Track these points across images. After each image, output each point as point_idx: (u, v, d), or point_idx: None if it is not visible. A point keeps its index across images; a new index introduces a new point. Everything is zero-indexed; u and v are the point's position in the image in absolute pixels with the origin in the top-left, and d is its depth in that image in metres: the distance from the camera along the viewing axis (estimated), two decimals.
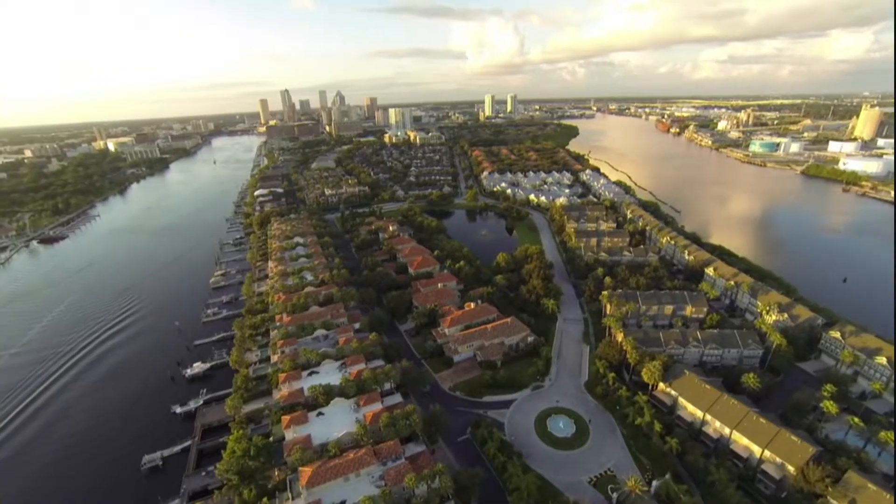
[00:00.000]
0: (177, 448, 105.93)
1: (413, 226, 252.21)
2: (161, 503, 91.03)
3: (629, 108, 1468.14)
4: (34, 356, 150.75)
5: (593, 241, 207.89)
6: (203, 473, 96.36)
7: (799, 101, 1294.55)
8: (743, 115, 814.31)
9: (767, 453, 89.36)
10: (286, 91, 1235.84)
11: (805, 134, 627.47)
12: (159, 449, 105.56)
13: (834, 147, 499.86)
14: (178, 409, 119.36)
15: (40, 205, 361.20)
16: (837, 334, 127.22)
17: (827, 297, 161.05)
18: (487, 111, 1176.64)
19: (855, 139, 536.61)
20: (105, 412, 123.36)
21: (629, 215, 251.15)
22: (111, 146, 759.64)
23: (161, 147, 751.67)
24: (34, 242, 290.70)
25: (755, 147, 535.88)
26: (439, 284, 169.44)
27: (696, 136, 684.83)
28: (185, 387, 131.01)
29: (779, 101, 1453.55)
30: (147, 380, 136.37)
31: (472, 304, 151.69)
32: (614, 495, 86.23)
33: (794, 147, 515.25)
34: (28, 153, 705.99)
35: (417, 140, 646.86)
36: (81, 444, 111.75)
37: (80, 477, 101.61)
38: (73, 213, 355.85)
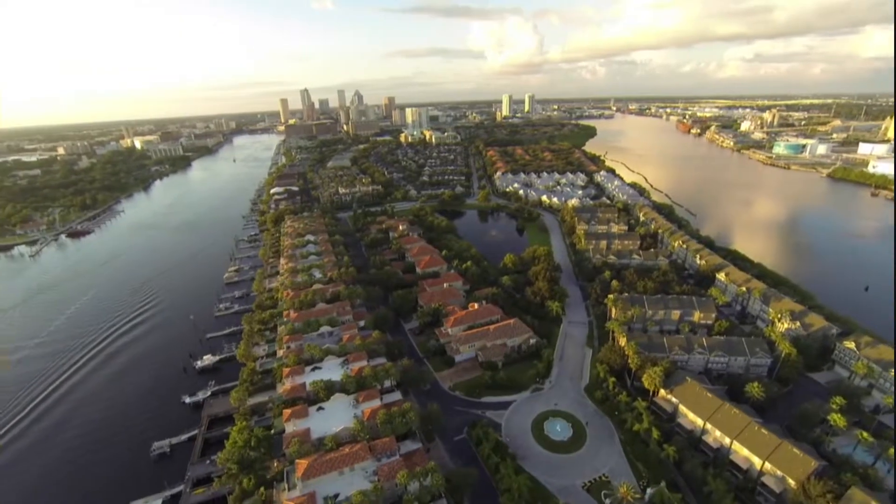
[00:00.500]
0: (184, 436, 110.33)
1: (423, 225, 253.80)
2: (167, 488, 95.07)
3: (649, 109, 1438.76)
4: (58, 346, 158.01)
5: (603, 243, 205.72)
6: (207, 462, 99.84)
7: (830, 101, 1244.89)
8: (767, 116, 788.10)
9: (768, 465, 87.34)
10: (306, 90, 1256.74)
11: (834, 135, 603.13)
12: (168, 437, 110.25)
13: (864, 149, 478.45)
14: (188, 400, 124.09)
15: (70, 200, 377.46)
16: (852, 345, 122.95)
17: (846, 305, 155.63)
18: (505, 111, 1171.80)
19: (887, 141, 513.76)
20: (120, 401, 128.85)
21: (642, 218, 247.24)
22: (138, 144, 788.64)
23: (184, 145, 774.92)
24: (63, 236, 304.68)
25: (779, 149, 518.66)
26: (445, 284, 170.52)
27: (717, 136, 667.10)
28: (195, 378, 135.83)
29: (808, 101, 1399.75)
30: (161, 371, 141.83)
31: (476, 305, 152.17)
32: (607, 501, 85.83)
33: (822, 149, 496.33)
34: (61, 150, 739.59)
35: (433, 140, 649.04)
36: (97, 431, 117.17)
37: (94, 462, 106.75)
38: (99, 209, 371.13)
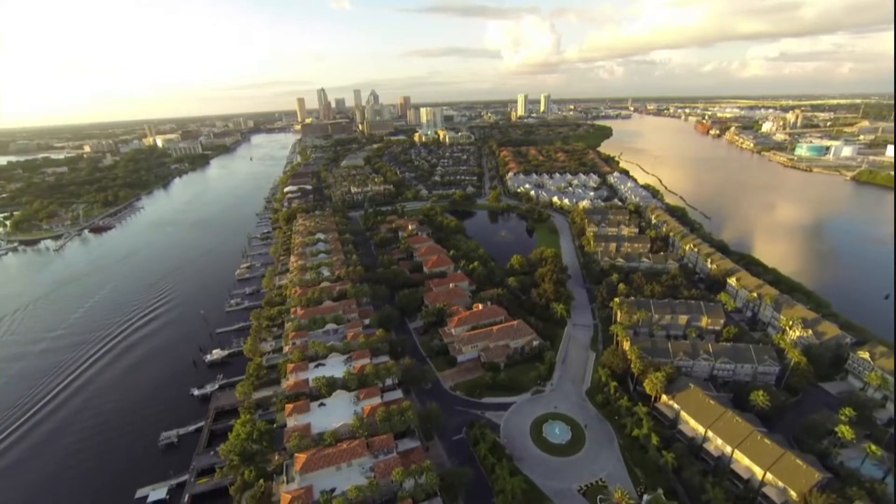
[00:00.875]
0: (191, 428, 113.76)
1: (433, 225, 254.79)
2: (172, 477, 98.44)
3: (668, 109, 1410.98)
4: (77, 338, 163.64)
5: (612, 245, 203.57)
6: (212, 453, 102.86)
7: (858, 101, 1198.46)
8: (790, 116, 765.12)
9: (770, 476, 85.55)
10: (322, 90, 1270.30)
11: (861, 137, 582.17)
12: (176, 427, 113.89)
13: (893, 151, 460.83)
14: (196, 392, 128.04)
15: (93, 197, 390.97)
16: (866, 355, 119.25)
17: (864, 314, 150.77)
18: (520, 111, 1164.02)
19: None
20: (133, 392, 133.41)
21: (653, 220, 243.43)
22: (159, 142, 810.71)
23: (203, 144, 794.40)
24: (86, 231, 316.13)
25: (801, 150, 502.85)
26: (451, 284, 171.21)
27: (737, 138, 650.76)
28: (204, 371, 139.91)
29: (834, 101, 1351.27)
30: (172, 363, 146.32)
31: (480, 305, 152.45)
32: None
33: (847, 151, 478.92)
34: (87, 148, 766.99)
35: (447, 139, 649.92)
36: (110, 421, 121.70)
37: (105, 450, 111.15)
38: (121, 205, 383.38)
